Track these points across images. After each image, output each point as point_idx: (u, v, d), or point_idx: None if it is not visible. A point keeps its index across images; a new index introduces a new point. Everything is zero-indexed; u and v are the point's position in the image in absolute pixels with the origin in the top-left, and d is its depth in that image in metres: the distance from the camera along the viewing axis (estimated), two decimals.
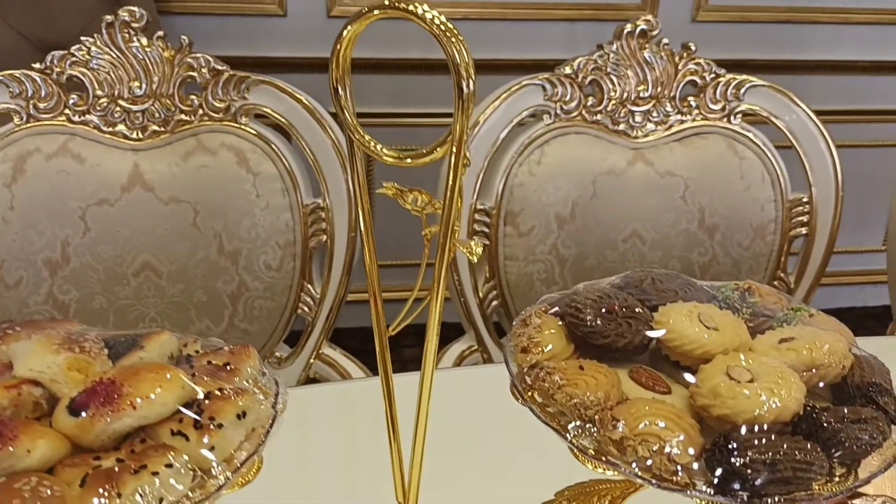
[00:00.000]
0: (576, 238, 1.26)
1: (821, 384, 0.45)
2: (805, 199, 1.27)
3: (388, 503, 0.52)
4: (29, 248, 1.14)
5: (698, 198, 1.27)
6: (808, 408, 0.43)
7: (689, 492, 0.41)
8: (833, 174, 1.26)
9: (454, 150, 0.39)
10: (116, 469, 0.37)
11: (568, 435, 0.43)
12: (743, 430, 0.41)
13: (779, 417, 0.42)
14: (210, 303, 1.20)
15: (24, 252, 1.13)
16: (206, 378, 0.43)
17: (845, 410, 0.43)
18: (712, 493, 0.40)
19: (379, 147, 0.42)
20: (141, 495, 0.37)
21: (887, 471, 0.43)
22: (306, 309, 1.25)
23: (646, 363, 0.48)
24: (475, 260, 0.44)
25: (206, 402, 0.42)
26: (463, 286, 1.25)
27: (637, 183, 1.27)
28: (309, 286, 1.23)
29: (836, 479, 0.42)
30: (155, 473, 0.37)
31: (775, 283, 1.31)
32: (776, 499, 0.40)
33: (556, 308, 0.50)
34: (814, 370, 0.45)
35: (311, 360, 1.26)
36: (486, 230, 1.25)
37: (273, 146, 1.20)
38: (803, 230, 1.28)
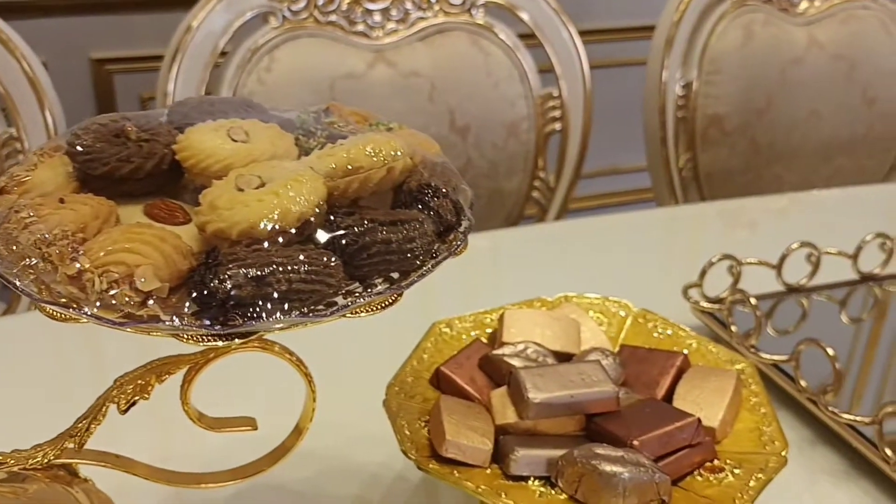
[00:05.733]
0: None
1: (363, 189, 0.37)
2: (556, 94, 1.23)
3: None
4: None
5: (446, 98, 1.20)
6: (328, 215, 0.35)
7: (159, 325, 0.32)
8: (579, 66, 1.22)
9: None
10: None
11: (16, 281, 0.33)
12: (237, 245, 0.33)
13: (282, 224, 0.34)
14: None
15: None
16: None
17: (375, 213, 0.36)
18: (182, 322, 0.32)
19: None
20: None
21: (426, 276, 0.36)
22: None
23: (185, 200, 0.39)
24: None
25: None
26: None
27: (380, 86, 1.18)
28: None
29: (369, 292, 0.34)
30: None
31: (535, 182, 1.27)
32: (270, 317, 0.32)
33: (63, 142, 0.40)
34: (352, 175, 0.37)
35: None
36: None
37: None
38: (557, 126, 1.24)
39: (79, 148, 0.38)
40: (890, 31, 1.30)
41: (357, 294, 0.34)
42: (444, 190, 0.38)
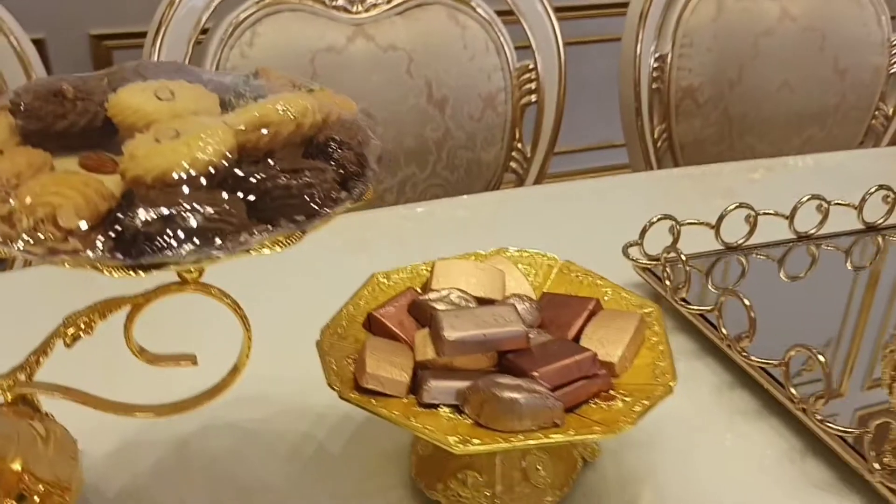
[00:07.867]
0: None
1: (274, 142, 0.41)
2: (531, 66, 1.26)
3: None
4: None
5: (424, 71, 1.23)
6: (237, 164, 0.39)
7: (80, 258, 0.36)
8: (553, 38, 1.25)
9: None
10: None
11: None
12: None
13: (192, 171, 0.38)
14: None
15: None
16: None
17: (281, 162, 0.40)
18: (100, 254, 0.36)
19: None
20: None
21: (326, 220, 0.40)
22: None
23: (119, 153, 0.43)
24: None
25: None
26: None
27: (359, 60, 1.22)
28: None
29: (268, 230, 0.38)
30: None
31: (513, 153, 1.30)
32: (175, 250, 0.36)
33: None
34: (263, 130, 0.41)
35: None
36: None
37: None
38: (533, 97, 1.27)
39: (20, 105, 0.42)
40: (861, 2, 1.32)
41: (256, 233, 0.38)
42: (348, 143, 0.42)
